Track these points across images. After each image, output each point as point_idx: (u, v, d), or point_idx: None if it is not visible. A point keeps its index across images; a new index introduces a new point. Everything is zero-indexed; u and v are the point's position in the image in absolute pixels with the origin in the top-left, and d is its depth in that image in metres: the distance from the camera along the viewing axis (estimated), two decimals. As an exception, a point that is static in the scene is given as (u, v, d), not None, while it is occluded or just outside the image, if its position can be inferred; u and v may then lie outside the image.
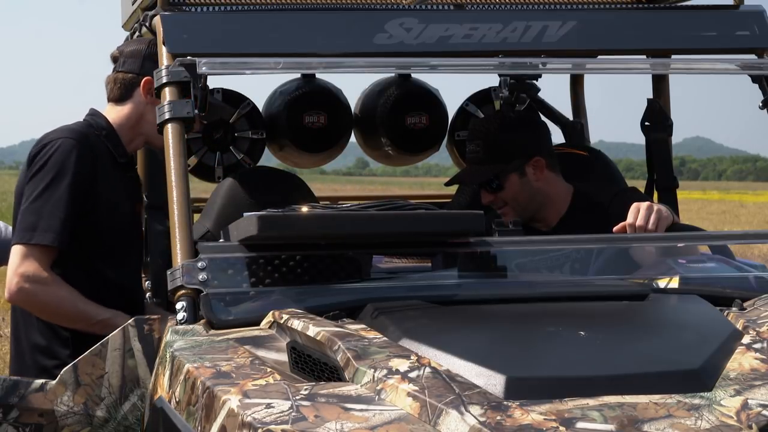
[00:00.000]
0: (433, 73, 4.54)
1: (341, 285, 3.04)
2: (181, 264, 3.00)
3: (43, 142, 3.41)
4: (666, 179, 4.10)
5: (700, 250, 3.44)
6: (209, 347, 2.71)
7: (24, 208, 3.35)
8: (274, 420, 2.22)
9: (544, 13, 3.68)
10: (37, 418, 2.98)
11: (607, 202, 3.69)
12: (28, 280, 3.29)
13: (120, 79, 3.57)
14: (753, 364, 2.46)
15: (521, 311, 2.91)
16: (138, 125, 3.54)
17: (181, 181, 3.15)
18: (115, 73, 3.59)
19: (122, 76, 3.57)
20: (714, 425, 2.20)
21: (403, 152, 4.71)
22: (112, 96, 3.59)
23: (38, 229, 3.31)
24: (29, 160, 3.42)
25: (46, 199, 3.32)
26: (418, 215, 3.10)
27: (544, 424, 2.17)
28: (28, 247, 3.31)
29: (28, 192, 3.36)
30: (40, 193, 3.33)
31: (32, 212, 3.32)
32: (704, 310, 2.88)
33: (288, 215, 3.02)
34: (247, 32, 3.46)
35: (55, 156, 3.36)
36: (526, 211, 3.72)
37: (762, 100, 3.58)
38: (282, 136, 4.55)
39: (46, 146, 3.39)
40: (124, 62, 3.58)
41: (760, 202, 35.36)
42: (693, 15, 3.78)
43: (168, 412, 2.63)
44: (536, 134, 3.81)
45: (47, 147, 3.39)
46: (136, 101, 3.54)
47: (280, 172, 4.13)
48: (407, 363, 2.41)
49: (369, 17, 3.62)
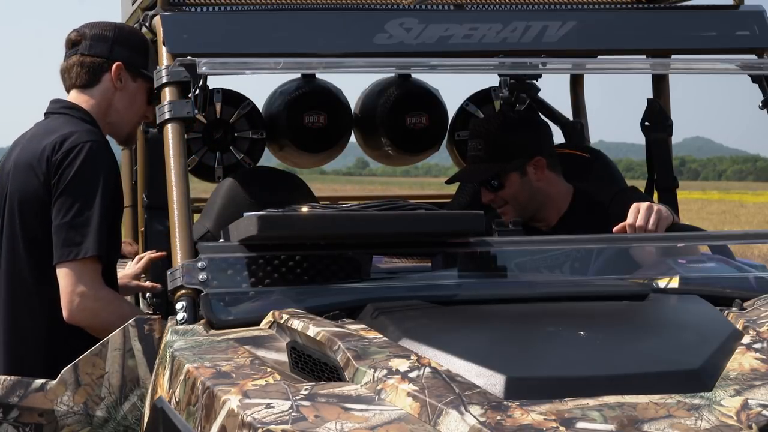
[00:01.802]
0: (433, 73, 4.54)
1: (341, 285, 3.04)
2: (181, 264, 3.00)
3: (66, 147, 3.23)
4: (666, 179, 4.10)
5: (700, 250, 3.44)
6: (209, 347, 2.71)
7: (64, 222, 3.19)
8: (274, 420, 2.22)
9: (544, 13, 3.68)
10: (37, 417, 2.97)
11: (607, 202, 3.69)
12: (90, 299, 3.17)
13: (87, 63, 3.41)
14: (753, 364, 2.46)
15: (521, 311, 2.91)
16: (107, 114, 3.42)
17: (181, 181, 3.15)
18: (80, 57, 3.42)
19: (90, 60, 3.41)
20: (714, 425, 2.20)
21: (403, 152, 4.71)
22: (79, 82, 3.42)
23: (85, 242, 3.17)
24: (52, 166, 3.24)
25: (87, 210, 3.19)
26: (418, 215, 3.10)
27: (544, 424, 2.17)
28: (79, 262, 3.17)
29: (65, 205, 3.20)
30: (81, 207, 3.19)
31: (75, 226, 3.18)
32: (704, 310, 2.88)
33: (288, 215, 3.02)
34: (247, 32, 3.46)
35: (85, 163, 3.21)
36: (527, 211, 3.72)
37: (762, 100, 3.58)
38: (282, 136, 4.55)
39: (72, 152, 3.23)
40: (90, 46, 3.42)
41: (760, 202, 35.35)
42: (693, 15, 3.78)
43: (168, 412, 2.63)
44: (538, 134, 3.81)
45: (73, 153, 3.23)
46: (104, 87, 3.41)
47: (280, 172, 4.13)
48: (407, 363, 2.41)
49: (369, 17, 3.62)
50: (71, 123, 3.36)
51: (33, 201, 3.28)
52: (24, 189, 3.30)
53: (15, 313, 3.34)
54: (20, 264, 3.31)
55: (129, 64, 3.43)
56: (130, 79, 3.43)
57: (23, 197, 3.30)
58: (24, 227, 3.29)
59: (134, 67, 3.43)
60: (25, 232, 3.29)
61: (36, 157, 3.28)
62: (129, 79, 3.43)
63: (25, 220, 3.29)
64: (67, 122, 3.37)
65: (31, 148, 3.33)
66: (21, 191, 3.31)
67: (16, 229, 3.31)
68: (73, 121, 3.37)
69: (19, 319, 3.33)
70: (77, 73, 3.43)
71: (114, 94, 3.42)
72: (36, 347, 3.29)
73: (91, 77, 3.42)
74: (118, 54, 3.40)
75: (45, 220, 3.25)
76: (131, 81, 3.44)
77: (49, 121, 3.43)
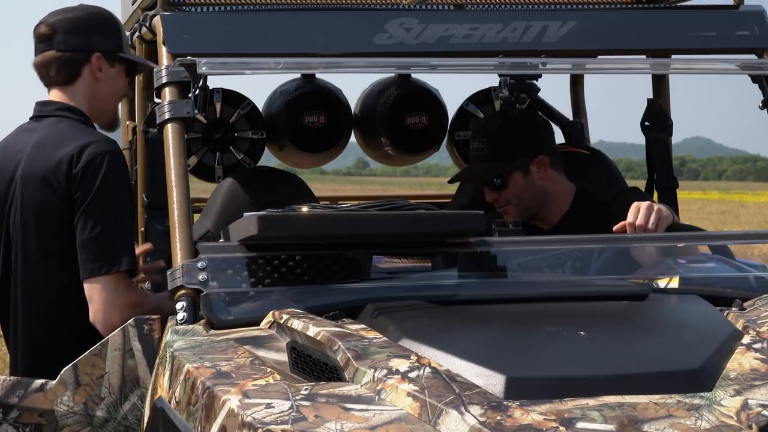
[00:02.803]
0: (433, 73, 4.54)
1: (341, 285, 3.04)
2: (181, 264, 3.00)
3: (86, 160, 3.17)
4: (666, 179, 4.10)
5: (700, 250, 3.44)
6: (209, 347, 2.71)
7: (92, 236, 3.14)
8: (274, 420, 2.22)
9: (544, 13, 3.68)
10: (37, 418, 2.97)
11: (609, 202, 3.69)
12: (128, 308, 3.13)
13: (66, 59, 3.34)
14: (753, 364, 2.46)
15: (521, 311, 2.91)
16: (93, 105, 3.38)
17: (181, 181, 3.14)
18: (57, 52, 3.35)
19: (69, 56, 3.34)
20: (714, 425, 2.20)
21: (403, 152, 4.71)
22: (60, 79, 3.36)
23: (116, 255, 3.14)
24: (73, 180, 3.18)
25: (113, 224, 3.16)
26: (418, 215, 3.10)
27: (544, 424, 2.17)
28: (113, 277, 3.14)
29: (91, 219, 3.15)
30: (108, 221, 3.15)
31: (105, 240, 3.14)
32: (704, 310, 2.88)
33: (288, 215, 3.02)
34: (247, 32, 3.46)
35: (107, 175, 3.17)
36: (529, 210, 3.72)
37: (762, 100, 3.58)
38: (282, 136, 4.55)
39: (92, 164, 3.17)
40: (65, 39, 3.34)
41: (760, 202, 35.35)
42: (693, 15, 3.78)
43: (168, 412, 2.63)
44: (540, 133, 3.81)
45: (93, 165, 3.17)
46: (85, 80, 3.36)
47: (280, 172, 4.13)
48: (407, 363, 2.41)
49: (369, 17, 3.62)
50: (80, 130, 3.30)
51: (52, 216, 3.21)
52: (40, 203, 3.22)
53: (33, 332, 3.27)
54: (38, 282, 3.25)
55: (106, 51, 3.38)
56: (109, 66, 3.39)
57: (40, 212, 3.23)
58: (41, 243, 3.23)
59: (111, 53, 3.39)
60: (42, 247, 3.23)
61: (51, 170, 3.21)
62: (108, 66, 3.38)
63: (43, 236, 3.23)
64: (73, 128, 3.30)
65: (43, 159, 3.24)
66: (37, 206, 3.23)
67: (32, 245, 3.24)
68: (80, 127, 3.31)
69: (38, 338, 3.27)
70: (57, 71, 3.36)
71: (95, 84, 3.37)
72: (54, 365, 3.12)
73: (72, 73, 3.36)
74: (95, 44, 3.35)
75: (64, 235, 3.19)
76: (110, 68, 3.39)
77: (51, 127, 3.33)
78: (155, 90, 3.34)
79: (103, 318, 3.15)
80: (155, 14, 3.47)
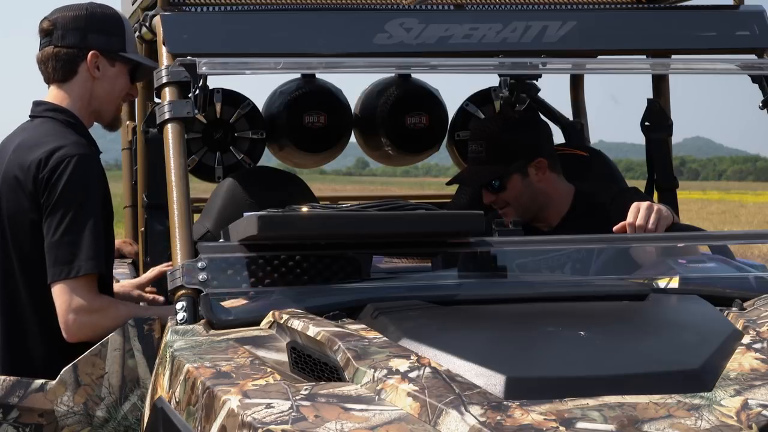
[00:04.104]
0: (433, 73, 4.54)
1: (341, 285, 3.03)
2: (181, 264, 3.00)
3: (52, 164, 3.15)
4: (666, 179, 4.10)
5: (700, 250, 3.44)
6: (209, 347, 2.71)
7: (55, 240, 3.11)
8: (274, 420, 2.22)
9: (544, 13, 3.68)
10: (37, 418, 2.98)
11: (608, 203, 3.69)
12: (85, 313, 3.09)
13: (62, 56, 3.32)
14: (753, 364, 2.46)
15: (521, 311, 2.91)
16: (90, 103, 3.35)
17: (181, 181, 3.14)
18: (54, 48, 3.33)
19: (64, 52, 3.32)
20: (714, 425, 2.20)
21: (403, 152, 4.71)
22: (57, 76, 3.34)
23: (77, 260, 3.10)
24: (39, 183, 3.16)
25: (77, 227, 3.11)
26: (418, 215, 3.10)
27: (544, 424, 2.17)
28: (72, 281, 3.10)
29: (55, 222, 3.12)
30: (70, 224, 3.11)
31: (67, 245, 3.10)
32: (704, 310, 2.88)
33: (288, 215, 3.02)
34: (247, 32, 3.46)
35: (71, 179, 3.13)
36: (528, 212, 3.72)
37: (762, 100, 3.58)
38: (282, 136, 4.55)
39: (58, 168, 3.15)
40: (63, 35, 3.32)
41: (760, 202, 35.34)
42: (693, 15, 3.78)
43: (168, 412, 2.63)
44: (539, 135, 3.81)
45: (59, 169, 3.14)
46: (82, 77, 3.33)
47: (280, 172, 4.13)
48: (407, 363, 2.41)
49: (369, 17, 3.62)
50: (56, 133, 3.26)
51: (23, 220, 3.20)
52: (14, 207, 3.22)
53: (11, 336, 3.25)
54: (14, 285, 3.24)
55: (105, 50, 3.34)
56: (108, 64, 3.35)
57: (13, 216, 3.22)
58: (16, 247, 3.22)
59: (111, 51, 3.35)
60: (17, 251, 3.22)
61: (23, 173, 3.19)
62: (107, 65, 3.35)
63: (16, 239, 3.22)
64: (52, 131, 3.27)
65: (18, 161, 3.23)
66: (11, 209, 3.23)
67: (9, 249, 3.23)
68: (58, 130, 3.27)
69: (16, 343, 3.25)
70: (53, 67, 3.34)
71: (93, 83, 3.34)
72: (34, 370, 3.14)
73: (68, 70, 3.33)
74: (93, 42, 3.32)
75: (36, 239, 3.17)
76: (109, 66, 3.35)
77: (34, 128, 3.32)
78: (155, 90, 3.34)
79: (63, 323, 3.11)
80: (155, 14, 3.46)
